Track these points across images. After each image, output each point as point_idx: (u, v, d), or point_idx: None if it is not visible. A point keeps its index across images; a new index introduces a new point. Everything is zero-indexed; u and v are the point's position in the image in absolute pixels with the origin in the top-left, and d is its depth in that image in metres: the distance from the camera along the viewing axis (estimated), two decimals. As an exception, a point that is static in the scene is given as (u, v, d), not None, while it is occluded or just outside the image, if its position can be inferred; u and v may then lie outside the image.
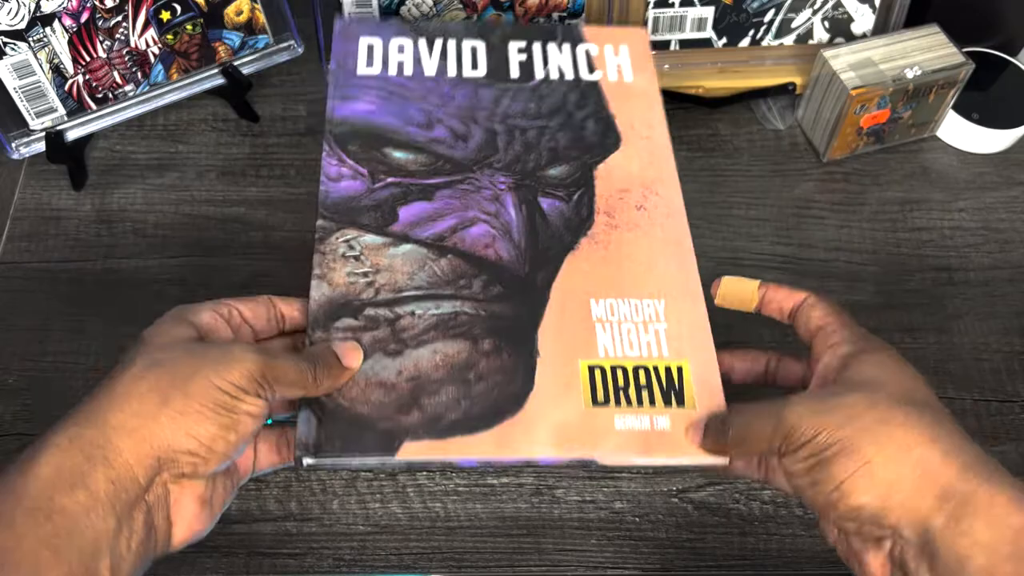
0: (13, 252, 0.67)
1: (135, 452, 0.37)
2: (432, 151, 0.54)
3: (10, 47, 0.64)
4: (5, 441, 0.59)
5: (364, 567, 0.55)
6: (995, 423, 0.61)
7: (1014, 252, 0.69)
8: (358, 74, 0.57)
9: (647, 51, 0.62)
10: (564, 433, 0.44)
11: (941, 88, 0.70)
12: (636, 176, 0.55)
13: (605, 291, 0.49)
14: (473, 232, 0.51)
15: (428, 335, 0.47)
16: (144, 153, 0.73)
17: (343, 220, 0.51)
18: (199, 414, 0.38)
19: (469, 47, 0.59)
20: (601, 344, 0.47)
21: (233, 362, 0.40)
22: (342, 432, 0.43)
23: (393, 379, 0.45)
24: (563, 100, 0.58)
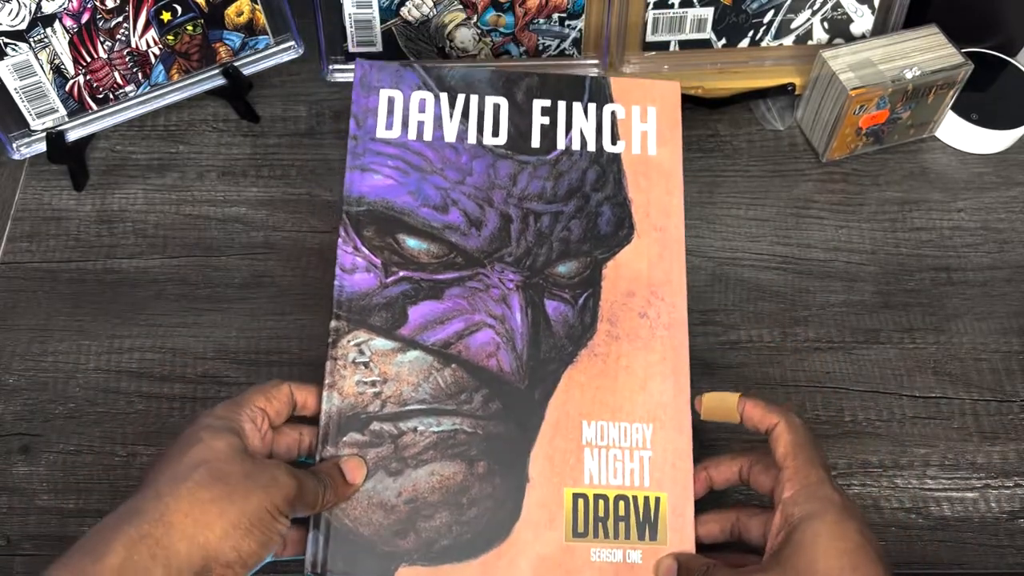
0: (14, 252, 0.68)
1: (189, 557, 0.41)
2: (445, 239, 0.54)
3: (11, 48, 0.64)
4: (5, 441, 0.59)
5: (364, 566, 0.55)
6: (994, 423, 0.61)
7: (1013, 252, 0.69)
8: (377, 137, 0.57)
9: (677, 111, 0.59)
10: (544, 565, 0.47)
11: (940, 89, 0.70)
12: (644, 276, 0.54)
13: (598, 412, 0.51)
14: (478, 339, 0.52)
15: (427, 454, 0.49)
16: (145, 153, 0.73)
17: (355, 320, 0.52)
18: (248, 531, 0.43)
19: (492, 105, 0.58)
20: (588, 470, 0.49)
21: (278, 486, 0.44)
22: (345, 554, 0.47)
23: (393, 500, 0.48)
24: (582, 179, 0.57)
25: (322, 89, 0.77)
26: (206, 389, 0.61)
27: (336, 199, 0.71)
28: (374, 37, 0.71)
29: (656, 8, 0.71)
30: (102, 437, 0.59)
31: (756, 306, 0.65)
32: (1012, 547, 0.56)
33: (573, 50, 0.73)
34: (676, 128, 0.59)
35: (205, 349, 0.63)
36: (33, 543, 0.55)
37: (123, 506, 0.43)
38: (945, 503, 0.58)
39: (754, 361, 0.63)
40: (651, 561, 0.48)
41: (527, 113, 0.58)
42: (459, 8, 0.70)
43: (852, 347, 0.64)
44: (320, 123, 0.75)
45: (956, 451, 0.60)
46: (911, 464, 0.59)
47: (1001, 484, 0.58)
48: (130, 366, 0.62)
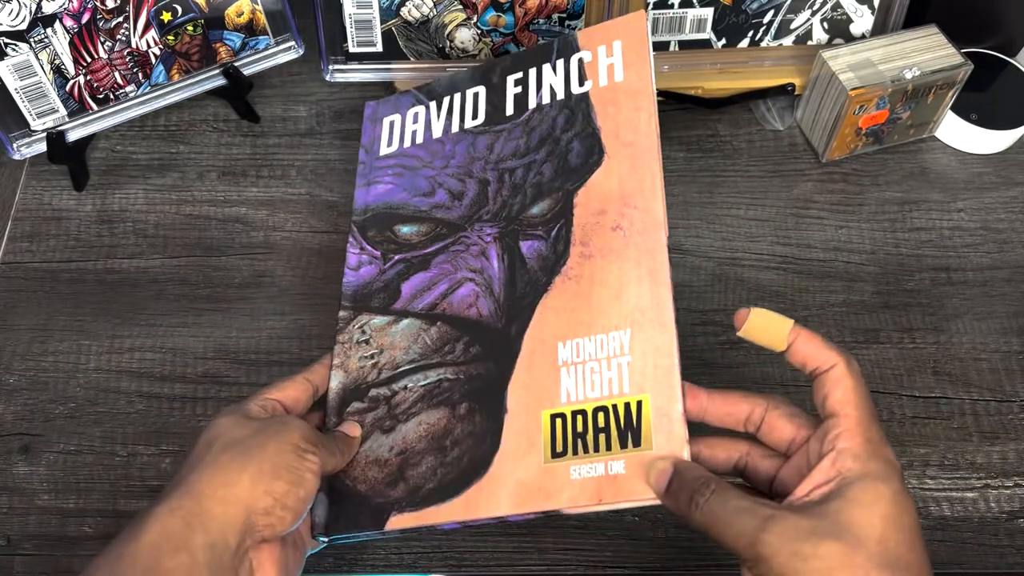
0: (14, 252, 0.68)
1: (226, 516, 0.42)
2: (432, 218, 0.59)
3: (11, 48, 0.64)
4: (6, 441, 0.59)
5: (364, 567, 0.55)
6: (993, 423, 0.61)
7: (1012, 252, 0.69)
8: (380, 155, 0.63)
9: (643, 39, 0.59)
10: (523, 490, 0.46)
11: (940, 89, 0.70)
12: (615, 192, 0.54)
13: (573, 331, 0.50)
14: (460, 293, 0.55)
15: (416, 407, 0.52)
16: (145, 153, 0.73)
17: (359, 307, 0.57)
18: (273, 473, 0.44)
19: (471, 95, 0.63)
20: (564, 389, 0.49)
21: (291, 428, 0.47)
22: (345, 512, 0.49)
23: (386, 455, 0.51)
24: (552, 126, 0.59)
25: (322, 89, 0.77)
26: (206, 389, 0.61)
27: (336, 199, 0.71)
28: (374, 37, 0.71)
29: (656, 8, 0.71)
30: (102, 437, 0.59)
31: (756, 306, 0.65)
32: (1012, 547, 0.56)
33: (573, 50, 0.73)
34: (643, 54, 0.58)
35: (205, 349, 0.63)
36: (33, 543, 0.55)
37: (153, 500, 0.44)
38: (945, 503, 0.58)
39: (754, 361, 0.63)
40: (635, 469, 0.44)
41: (502, 90, 0.62)
42: (459, 8, 0.70)
43: (852, 347, 0.64)
44: (320, 123, 0.75)
45: (956, 451, 0.60)
46: (911, 464, 0.59)
47: (1001, 484, 0.58)
48: (130, 366, 0.62)
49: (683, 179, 0.72)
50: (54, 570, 0.55)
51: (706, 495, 0.39)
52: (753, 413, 0.45)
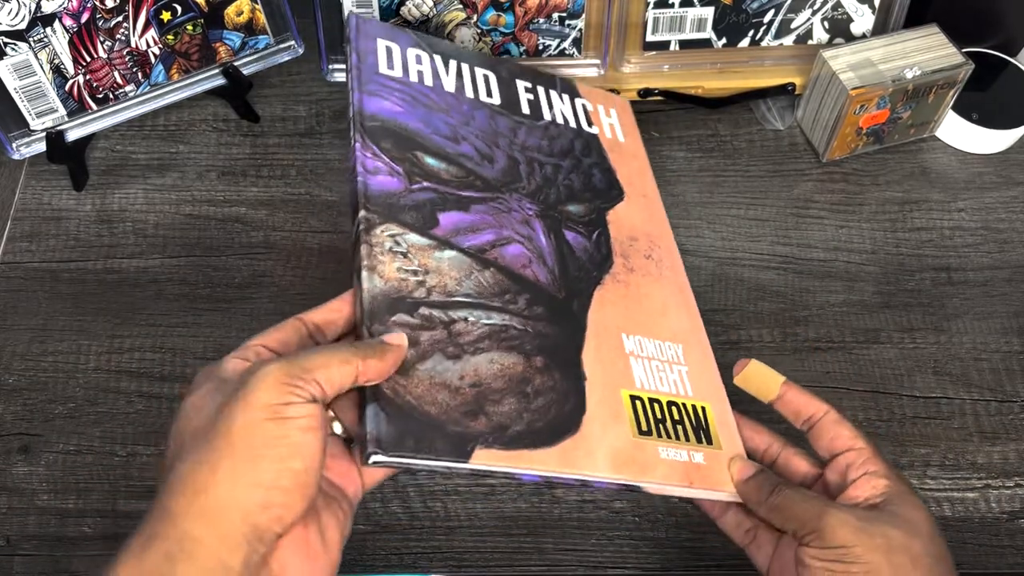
0: (14, 252, 0.68)
1: (217, 536, 0.34)
2: (462, 165, 0.54)
3: (11, 47, 0.64)
4: (5, 441, 0.59)
5: (364, 567, 0.55)
6: (994, 423, 0.61)
7: (1013, 252, 0.69)
8: (380, 72, 0.57)
9: (632, 118, 0.67)
10: (618, 457, 0.46)
11: (940, 88, 0.70)
12: (640, 228, 0.58)
13: (633, 328, 0.52)
14: (511, 250, 0.52)
15: (484, 343, 0.47)
16: (145, 153, 0.73)
17: (385, 215, 0.49)
18: (251, 459, 0.34)
19: (481, 74, 0.61)
20: (637, 376, 0.50)
21: (252, 384, 0.36)
22: (414, 431, 0.42)
23: (456, 382, 0.45)
24: (571, 145, 0.61)
25: (322, 89, 0.77)
26: (206, 389, 0.61)
27: (336, 198, 0.71)
28: (374, 37, 0.71)
29: (656, 8, 0.71)
30: (102, 437, 0.59)
31: (756, 306, 0.65)
32: (1012, 547, 0.56)
33: (573, 50, 0.73)
34: (635, 130, 0.67)
35: (205, 349, 0.63)
36: (32, 543, 0.55)
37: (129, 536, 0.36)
38: (945, 503, 0.58)
39: (754, 361, 0.62)
40: (713, 463, 0.48)
41: (513, 87, 0.62)
42: (459, 7, 0.70)
43: (852, 347, 0.64)
44: (320, 123, 0.75)
45: (956, 451, 0.59)
46: (911, 464, 0.59)
47: (1002, 484, 0.58)
48: (130, 366, 0.62)
49: (683, 179, 0.72)
50: (53, 570, 0.55)
51: (781, 488, 0.44)
52: (771, 447, 0.49)
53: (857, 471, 0.44)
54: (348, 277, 0.68)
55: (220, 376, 0.39)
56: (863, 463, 0.44)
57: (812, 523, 0.42)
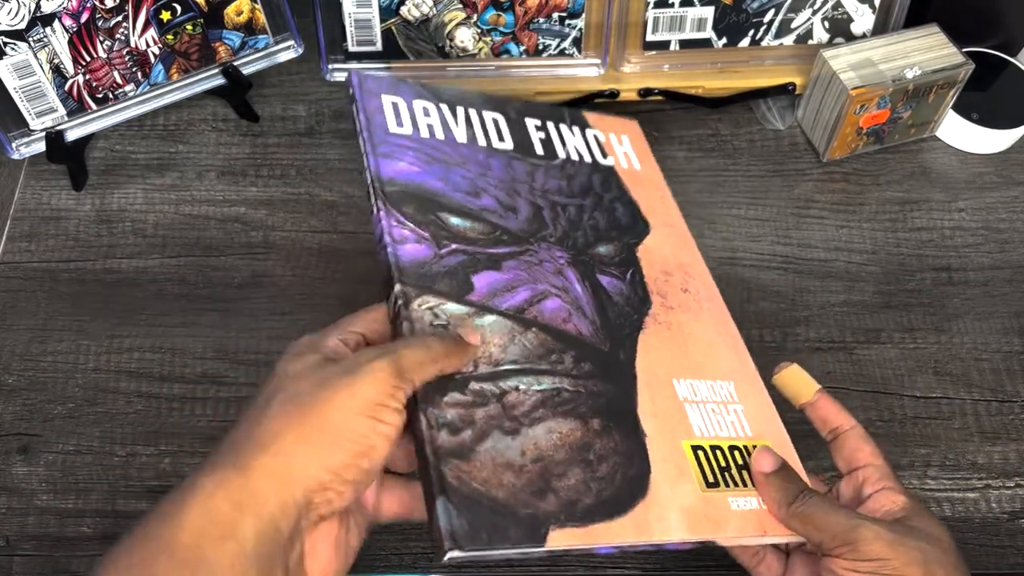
0: (13, 252, 0.67)
1: (279, 499, 0.36)
2: (487, 220, 0.52)
3: (10, 47, 0.64)
4: (5, 441, 0.59)
5: (364, 567, 0.55)
6: (995, 423, 0.61)
7: (1014, 252, 0.69)
8: (391, 132, 0.54)
9: (644, 141, 0.64)
10: (691, 516, 0.44)
11: (941, 88, 0.70)
12: (671, 259, 0.56)
13: (683, 371, 0.50)
14: (549, 305, 0.50)
15: (539, 412, 0.45)
16: (144, 153, 0.73)
17: (420, 286, 0.47)
18: (334, 442, 0.37)
19: (490, 118, 0.59)
20: (695, 424, 0.48)
21: (362, 377, 0.38)
22: (486, 522, 0.40)
23: (519, 460, 0.43)
24: (589, 181, 0.58)
25: (322, 89, 0.77)
26: (205, 389, 0.61)
27: (335, 198, 0.71)
28: (374, 36, 0.71)
29: (656, 7, 0.71)
30: (101, 437, 0.59)
31: (757, 306, 0.65)
32: (1013, 547, 0.56)
33: (573, 49, 0.73)
34: (648, 153, 0.64)
35: (204, 349, 0.63)
36: (32, 543, 0.55)
37: (204, 459, 0.38)
38: (946, 503, 0.58)
39: (755, 361, 0.62)
40: None
41: (523, 127, 0.59)
42: (459, 7, 0.70)
43: (853, 347, 0.64)
44: (320, 123, 0.75)
45: (957, 451, 0.59)
46: (912, 464, 0.59)
47: (1002, 484, 0.58)
48: (129, 366, 0.62)
49: (684, 178, 0.72)
50: (53, 571, 0.55)
51: (808, 495, 0.44)
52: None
53: (874, 486, 0.45)
54: (350, 281, 0.68)
55: (324, 351, 0.41)
56: (880, 479, 0.45)
57: (844, 535, 0.41)
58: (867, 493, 0.45)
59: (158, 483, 0.58)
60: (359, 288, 0.66)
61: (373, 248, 0.49)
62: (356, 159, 0.73)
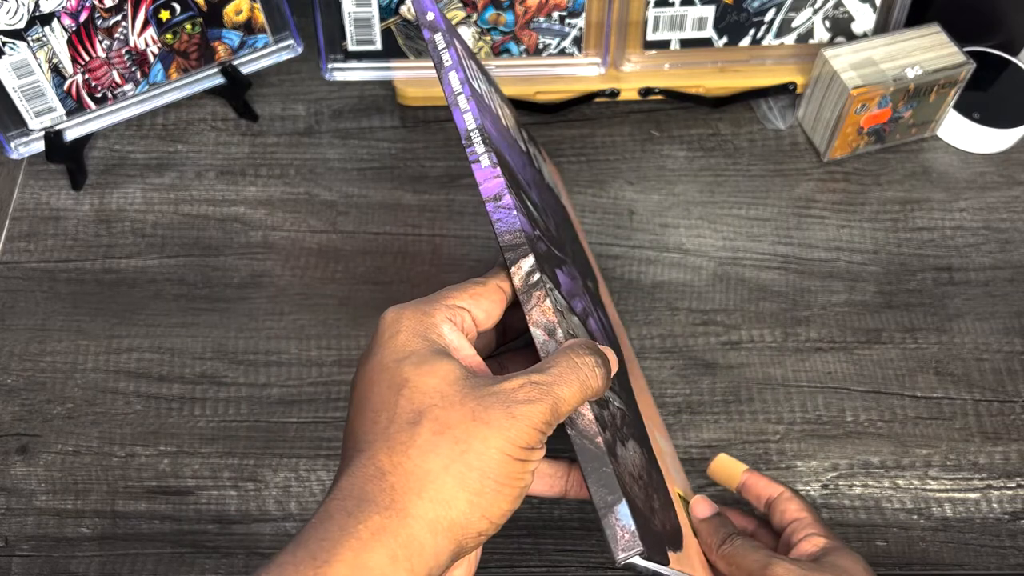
0: (12, 252, 0.67)
1: (436, 549, 0.33)
2: (543, 218, 0.47)
3: (9, 47, 0.64)
4: (3, 441, 0.59)
5: (363, 568, 0.55)
6: (995, 423, 0.60)
7: (1015, 252, 0.69)
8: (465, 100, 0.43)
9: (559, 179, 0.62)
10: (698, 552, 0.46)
11: (942, 87, 0.69)
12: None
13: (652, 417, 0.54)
14: (591, 324, 0.46)
15: (625, 429, 0.42)
16: (143, 153, 0.73)
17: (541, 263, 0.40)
18: (495, 493, 0.34)
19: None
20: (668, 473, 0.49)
21: (521, 419, 0.34)
22: (648, 533, 0.37)
23: (634, 472, 0.40)
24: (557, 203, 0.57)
25: (321, 88, 0.76)
26: (204, 389, 0.61)
27: (335, 198, 0.70)
28: (373, 35, 0.71)
29: (657, 6, 0.71)
30: (100, 437, 0.59)
31: (758, 306, 0.65)
32: (1014, 548, 0.56)
33: (573, 49, 0.73)
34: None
35: (203, 349, 0.63)
36: (31, 544, 0.55)
37: (339, 486, 0.34)
38: (947, 504, 0.58)
39: (756, 361, 0.62)
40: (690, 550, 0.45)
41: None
42: (459, 6, 0.70)
43: (854, 347, 0.63)
44: (319, 122, 0.75)
45: (958, 452, 0.59)
46: (913, 465, 0.59)
47: (1003, 485, 0.58)
48: (128, 366, 0.62)
49: (684, 178, 0.72)
50: (52, 571, 0.55)
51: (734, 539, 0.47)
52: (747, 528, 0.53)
53: (800, 534, 0.48)
54: (350, 281, 0.68)
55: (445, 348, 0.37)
56: (804, 527, 0.49)
57: (760, 571, 0.45)
58: (795, 541, 0.48)
59: (157, 483, 0.58)
60: (359, 288, 0.66)
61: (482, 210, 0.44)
62: (355, 159, 0.73)
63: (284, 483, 0.58)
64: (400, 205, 0.70)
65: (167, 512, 0.57)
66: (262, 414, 0.60)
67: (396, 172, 0.72)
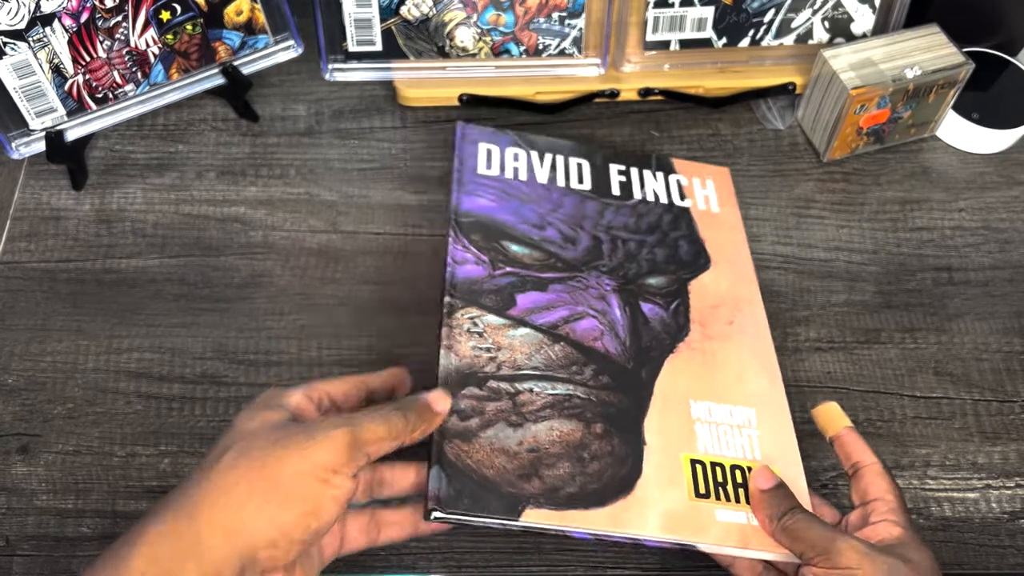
0: (13, 252, 0.67)
1: (223, 550, 0.38)
2: (545, 249, 0.60)
3: (10, 47, 0.64)
4: (4, 441, 0.59)
5: (364, 567, 0.55)
6: (995, 423, 0.61)
7: (1014, 252, 0.69)
8: (478, 173, 0.64)
9: (731, 187, 0.69)
10: (671, 519, 0.49)
11: (941, 88, 0.70)
12: (726, 294, 0.61)
13: (703, 394, 0.55)
14: (583, 324, 0.56)
15: (545, 412, 0.52)
16: (144, 153, 0.73)
17: (467, 299, 0.56)
18: (285, 501, 0.39)
19: (575, 163, 0.67)
20: (702, 442, 0.53)
21: (319, 441, 0.40)
22: (471, 492, 0.47)
23: (515, 448, 0.50)
24: (659, 220, 0.64)
25: (321, 88, 0.77)
26: (204, 389, 0.61)
27: (335, 198, 0.71)
28: (374, 36, 0.71)
29: (657, 7, 0.71)
30: (101, 437, 0.59)
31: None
32: (1013, 547, 0.56)
33: (573, 49, 0.73)
34: (732, 198, 0.68)
35: (204, 349, 0.63)
36: (32, 543, 0.55)
37: (156, 503, 0.40)
38: (946, 503, 0.58)
39: (755, 361, 0.62)
40: None
41: (605, 172, 0.67)
42: (459, 7, 0.70)
43: (853, 347, 0.64)
44: (319, 122, 0.75)
45: (957, 451, 0.59)
46: (912, 464, 0.59)
47: (1002, 484, 0.58)
48: (129, 366, 0.62)
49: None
50: (52, 571, 0.55)
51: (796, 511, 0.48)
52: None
53: (878, 517, 0.47)
54: (350, 281, 0.68)
55: (287, 407, 0.44)
56: (887, 511, 0.47)
57: (823, 546, 0.44)
58: (872, 520, 0.47)
59: (158, 483, 0.58)
60: (359, 288, 0.66)
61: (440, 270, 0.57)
62: (355, 159, 0.73)
63: (284, 483, 0.58)
64: (400, 205, 0.70)
65: (168, 512, 0.57)
66: (262, 414, 0.60)
67: (396, 172, 0.72)
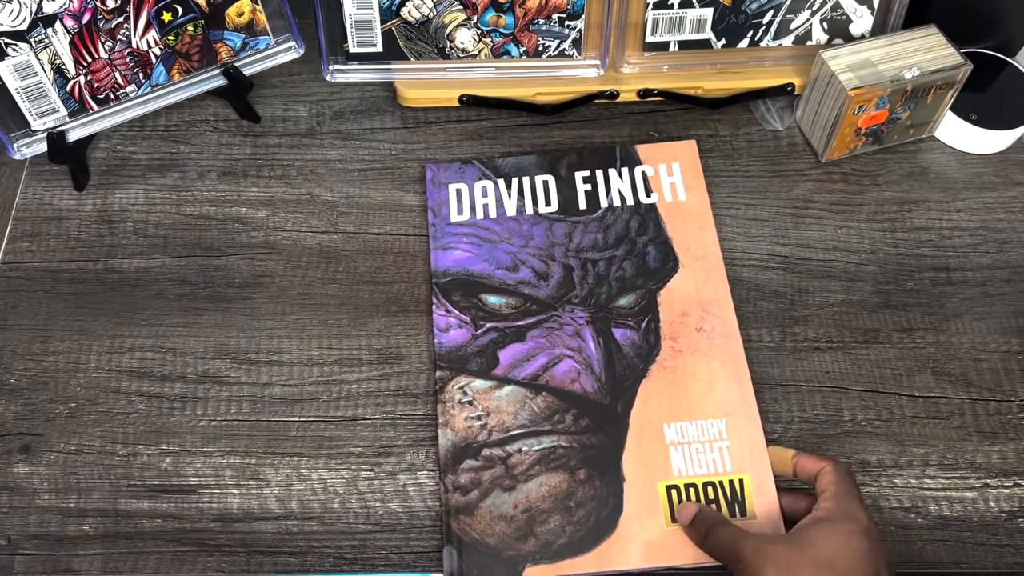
0: (15, 252, 0.68)
1: None
2: (520, 293, 0.64)
3: (12, 48, 0.64)
4: (6, 440, 0.59)
5: (364, 566, 0.55)
6: (993, 423, 0.61)
7: (1012, 252, 0.69)
8: (452, 222, 0.67)
9: (697, 163, 0.70)
10: (651, 550, 0.54)
11: (939, 89, 0.70)
12: (694, 298, 0.63)
13: (675, 415, 0.58)
14: (561, 368, 0.60)
15: (534, 469, 0.57)
16: (145, 153, 0.73)
17: (456, 368, 0.61)
18: None
19: (541, 182, 0.69)
20: (675, 465, 0.56)
21: None
22: (477, 562, 0.54)
23: (511, 512, 0.55)
24: (626, 228, 0.66)
25: (322, 89, 0.77)
26: (206, 389, 0.61)
27: (336, 198, 0.71)
28: (374, 37, 0.71)
29: (656, 8, 0.71)
30: (102, 437, 0.59)
31: (756, 306, 0.66)
32: (1011, 547, 0.56)
33: (573, 51, 0.73)
34: (699, 176, 0.70)
35: (205, 349, 0.63)
36: (34, 543, 0.56)
37: None
38: (944, 503, 0.58)
39: (754, 361, 0.63)
40: None
41: (571, 184, 0.69)
42: (459, 8, 0.70)
43: (851, 347, 0.64)
44: (320, 123, 0.75)
45: (955, 451, 0.60)
46: (910, 464, 0.59)
47: (1000, 484, 0.59)
48: (130, 366, 0.62)
49: (683, 179, 0.72)
50: (54, 570, 0.55)
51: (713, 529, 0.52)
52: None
53: (819, 500, 0.51)
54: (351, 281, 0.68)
55: None
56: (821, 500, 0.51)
57: (728, 548, 0.50)
58: (813, 508, 0.52)
59: (159, 483, 0.58)
60: (359, 288, 0.66)
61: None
62: (356, 159, 0.73)
63: (286, 482, 0.58)
64: (401, 205, 0.70)
65: (169, 511, 0.57)
66: (264, 413, 0.61)
67: (397, 173, 0.72)
